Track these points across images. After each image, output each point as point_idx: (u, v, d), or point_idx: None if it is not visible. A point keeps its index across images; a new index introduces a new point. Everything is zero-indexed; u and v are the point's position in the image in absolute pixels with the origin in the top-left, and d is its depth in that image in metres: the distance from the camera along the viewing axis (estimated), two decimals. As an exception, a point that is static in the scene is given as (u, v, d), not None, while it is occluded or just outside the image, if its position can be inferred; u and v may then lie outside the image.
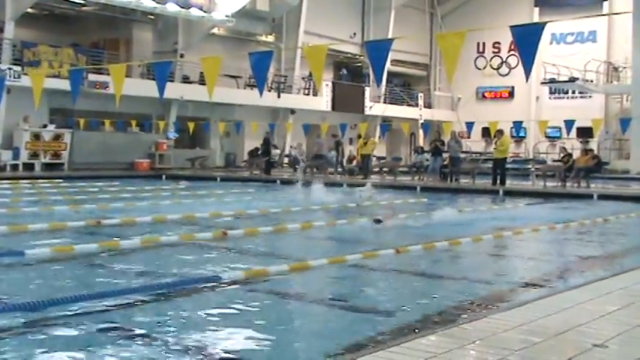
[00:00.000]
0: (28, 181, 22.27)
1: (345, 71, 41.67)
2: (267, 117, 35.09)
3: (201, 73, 30.44)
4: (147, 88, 24.99)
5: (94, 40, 31.36)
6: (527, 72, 8.37)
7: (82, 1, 29.12)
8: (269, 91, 32.95)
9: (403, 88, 44.34)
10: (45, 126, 26.97)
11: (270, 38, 36.77)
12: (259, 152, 28.73)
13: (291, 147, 32.92)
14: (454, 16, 44.23)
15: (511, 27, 8.04)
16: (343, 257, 8.63)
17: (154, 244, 9.72)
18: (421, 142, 38.30)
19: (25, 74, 22.45)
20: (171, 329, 5.47)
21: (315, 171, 28.00)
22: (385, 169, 28.88)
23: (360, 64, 41.67)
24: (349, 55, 40.88)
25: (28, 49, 26.56)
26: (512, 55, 41.87)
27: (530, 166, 28.65)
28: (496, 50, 44.07)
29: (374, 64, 8.60)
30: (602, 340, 4.53)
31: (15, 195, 17.23)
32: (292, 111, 35.70)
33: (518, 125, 33.99)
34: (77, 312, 5.83)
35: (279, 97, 34.28)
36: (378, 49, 8.49)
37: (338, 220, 13.25)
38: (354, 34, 40.64)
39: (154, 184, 22.75)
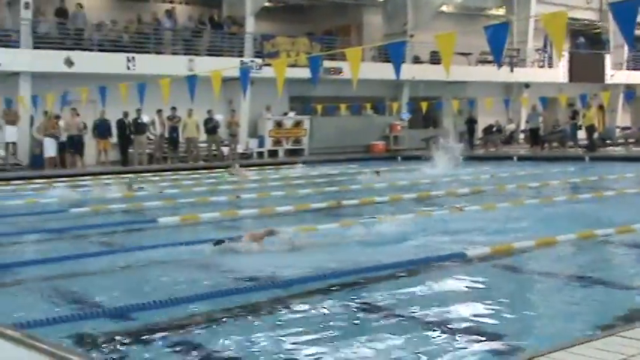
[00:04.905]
0: (273, 167, 23.49)
1: (582, 39, 39.48)
2: (501, 92, 34.20)
3: (432, 52, 30.48)
4: (379, 71, 25.56)
5: (327, 28, 32.36)
6: None
7: (315, -9, 30.16)
8: (501, 65, 32.05)
9: (650, 52, 41.17)
10: (286, 114, 28.31)
11: (501, 11, 35.75)
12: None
13: (526, 122, 31.68)
14: None
15: None
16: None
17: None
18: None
19: (267, 65, 23.55)
20: (416, 305, 5.54)
21: (553, 145, 26.93)
22: (630, 140, 27.10)
23: (598, 31, 39.30)
24: (586, 22, 38.67)
25: (267, 41, 27.96)
26: None
27: None
28: None
29: (622, 27, 8.03)
30: None
31: (262, 181, 18.29)
32: (527, 85, 34.53)
33: None
34: (330, 289, 6.07)
35: (511, 71, 33.31)
36: (625, 10, 7.93)
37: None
38: (590, -2, 38.39)
39: (390, 165, 23.03)
